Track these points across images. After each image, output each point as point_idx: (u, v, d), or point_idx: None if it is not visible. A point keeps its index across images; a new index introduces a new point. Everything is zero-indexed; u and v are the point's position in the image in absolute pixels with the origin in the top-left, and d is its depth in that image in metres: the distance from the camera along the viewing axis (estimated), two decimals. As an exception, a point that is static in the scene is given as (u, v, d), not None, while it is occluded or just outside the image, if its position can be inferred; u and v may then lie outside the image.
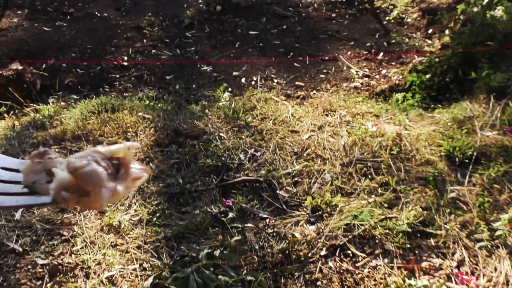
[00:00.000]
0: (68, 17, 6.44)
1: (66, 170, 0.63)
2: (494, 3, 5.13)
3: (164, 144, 3.13)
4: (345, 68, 5.43)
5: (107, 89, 4.88)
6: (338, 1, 7.21)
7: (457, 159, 2.94)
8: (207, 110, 3.66)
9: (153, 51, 5.64)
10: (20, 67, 4.28)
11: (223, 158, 2.97)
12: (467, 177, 2.81)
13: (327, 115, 3.58)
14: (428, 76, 4.49)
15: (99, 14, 6.70)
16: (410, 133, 3.25)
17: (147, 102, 4.10)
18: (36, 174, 0.65)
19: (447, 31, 5.71)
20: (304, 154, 3.06)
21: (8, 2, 6.45)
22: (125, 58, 5.42)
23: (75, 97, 4.62)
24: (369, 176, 2.84)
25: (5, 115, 3.65)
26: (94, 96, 4.45)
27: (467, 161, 2.94)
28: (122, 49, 5.63)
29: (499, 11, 4.79)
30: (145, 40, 5.88)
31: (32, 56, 5.26)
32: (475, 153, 2.94)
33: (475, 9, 5.23)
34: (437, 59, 4.65)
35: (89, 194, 0.62)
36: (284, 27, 6.39)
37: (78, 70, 5.13)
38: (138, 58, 5.43)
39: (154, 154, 3.02)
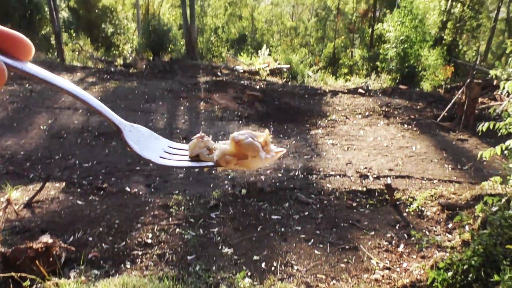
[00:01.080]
0: (101, 192, 6.81)
1: (230, 141, 0.90)
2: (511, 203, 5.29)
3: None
4: (365, 258, 5.44)
5: (128, 266, 4.92)
6: (359, 190, 7.50)
7: None
8: (226, 298, 3.64)
9: (178, 230, 5.81)
10: (50, 241, 4.43)
11: None
12: None
13: (347, 311, 3.51)
14: (450, 273, 4.45)
15: (130, 190, 7.07)
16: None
17: (167, 283, 4.12)
18: (200, 148, 0.93)
19: (467, 227, 5.80)
20: None
21: (49, 177, 6.92)
22: (150, 235, 5.58)
23: (96, 272, 4.67)
24: None
25: (28, 289, 3.70)
26: (116, 273, 4.52)
27: None
28: (148, 226, 5.82)
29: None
30: (170, 219, 6.09)
31: (62, 228, 5.48)
32: None
33: (493, 209, 5.38)
34: (458, 257, 4.66)
35: (247, 158, 0.90)
36: (306, 213, 6.59)
37: (103, 244, 5.26)
38: (162, 236, 5.57)
39: None
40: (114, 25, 24.08)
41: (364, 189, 7.57)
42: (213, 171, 8.27)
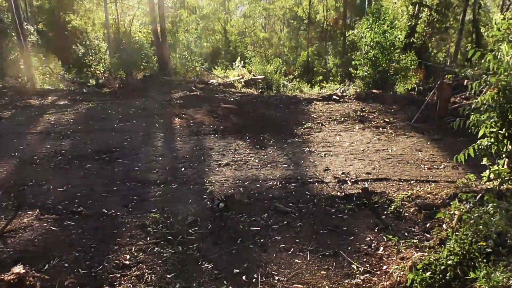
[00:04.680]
0: (77, 216, 6.68)
1: None
2: (485, 200, 5.36)
3: None
4: (345, 263, 5.44)
5: (106, 290, 4.83)
6: (337, 196, 7.52)
7: None
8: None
9: (156, 248, 5.73)
10: (22, 271, 4.32)
11: None
12: None
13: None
14: (428, 274, 4.47)
15: (106, 211, 6.96)
16: None
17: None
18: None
19: (444, 226, 5.85)
20: None
21: (21, 205, 6.76)
22: (128, 256, 5.48)
23: (73, 299, 4.58)
24: None
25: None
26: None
27: None
28: (125, 247, 5.73)
29: (490, 208, 4.97)
30: (148, 238, 6.01)
31: (37, 256, 5.35)
32: None
33: (467, 206, 5.44)
34: (436, 256, 4.69)
35: None
36: (285, 222, 6.57)
37: (80, 270, 5.15)
38: (140, 257, 5.49)
39: None
40: (85, 46, 23.90)
41: (342, 194, 7.60)
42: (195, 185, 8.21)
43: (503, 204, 4.98)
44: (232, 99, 15.27)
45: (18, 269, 4.37)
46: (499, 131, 6.37)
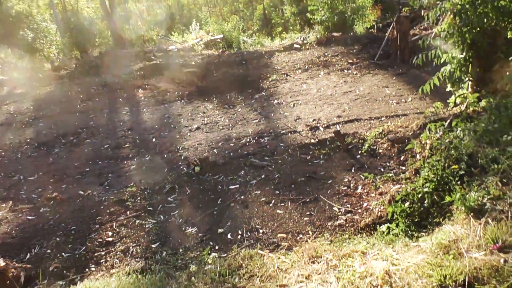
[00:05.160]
0: (52, 202, 6.55)
1: None
2: (453, 125, 5.44)
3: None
4: (327, 207, 5.50)
5: (93, 269, 4.79)
6: (311, 143, 7.54)
7: (450, 288, 2.87)
8: (193, 278, 3.60)
9: (137, 221, 5.69)
10: (2, 264, 4.23)
11: (213, 329, 2.86)
12: (465, 306, 2.72)
13: (313, 262, 3.53)
14: (407, 204, 4.56)
15: (82, 193, 6.85)
16: (398, 268, 3.19)
17: (133, 276, 4.04)
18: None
19: (418, 156, 5.93)
20: (296, 309, 2.96)
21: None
22: (110, 233, 5.43)
23: (60, 283, 4.52)
24: (366, 323, 2.73)
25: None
26: (79, 281, 4.40)
27: (460, 288, 2.87)
28: (106, 225, 5.67)
29: (459, 132, 5.04)
30: (128, 212, 5.95)
31: (16, 248, 5.25)
32: (467, 279, 2.88)
33: (437, 134, 5.52)
34: (412, 186, 4.77)
35: None
36: (263, 176, 6.58)
37: (63, 254, 5.08)
38: (122, 232, 5.44)
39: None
40: (33, 30, 22.90)
41: (316, 140, 7.62)
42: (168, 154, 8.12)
43: (470, 126, 5.06)
44: (193, 63, 14.98)
45: (-2, 262, 4.28)
46: (460, 55, 6.42)
